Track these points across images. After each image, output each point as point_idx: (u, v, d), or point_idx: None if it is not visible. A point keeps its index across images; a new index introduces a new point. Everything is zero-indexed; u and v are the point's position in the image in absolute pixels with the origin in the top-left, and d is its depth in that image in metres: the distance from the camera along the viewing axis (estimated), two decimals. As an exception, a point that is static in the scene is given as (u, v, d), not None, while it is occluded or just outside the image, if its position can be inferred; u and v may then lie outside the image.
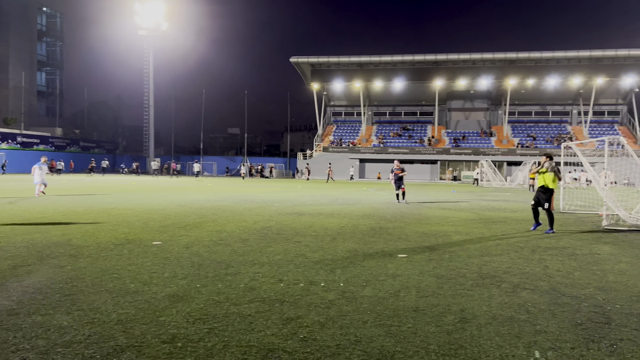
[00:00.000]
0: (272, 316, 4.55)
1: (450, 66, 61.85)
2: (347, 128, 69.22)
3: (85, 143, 67.23)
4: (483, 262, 7.41)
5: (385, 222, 12.41)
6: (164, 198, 19.35)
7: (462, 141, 62.03)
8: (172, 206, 15.71)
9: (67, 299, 4.97)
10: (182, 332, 4.09)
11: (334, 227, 11.16)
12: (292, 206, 16.68)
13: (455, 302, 5.15)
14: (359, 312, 4.72)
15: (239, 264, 6.87)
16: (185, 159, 73.23)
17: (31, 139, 57.65)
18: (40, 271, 6.17)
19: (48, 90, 76.31)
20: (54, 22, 76.81)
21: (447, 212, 15.91)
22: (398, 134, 65.37)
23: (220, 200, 18.93)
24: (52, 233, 9.34)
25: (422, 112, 69.57)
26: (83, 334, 3.98)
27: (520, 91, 63.06)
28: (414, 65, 62.55)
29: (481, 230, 11.22)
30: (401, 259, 7.46)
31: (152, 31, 63.94)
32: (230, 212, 14.09)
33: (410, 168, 60.01)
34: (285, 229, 10.63)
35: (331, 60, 62.90)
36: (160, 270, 6.37)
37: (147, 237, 9.09)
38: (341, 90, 67.50)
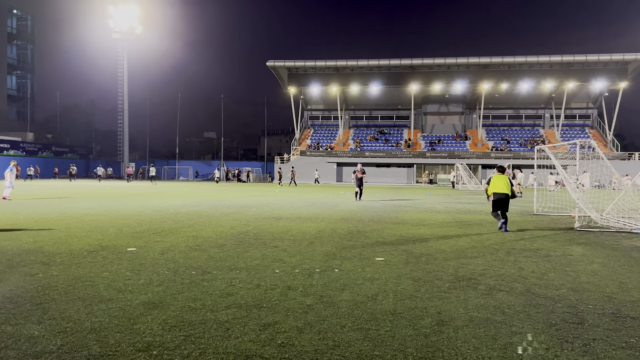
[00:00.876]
0: (250, 322, 4.52)
1: (426, 70, 62.51)
2: (324, 132, 69.35)
3: (58, 148, 65.88)
4: (459, 264, 7.48)
5: (362, 226, 12.45)
6: (139, 203, 19.06)
7: (438, 145, 62.72)
8: (147, 211, 15.49)
9: (38, 307, 4.84)
10: (158, 340, 4.02)
11: (311, 231, 11.14)
12: (270, 210, 16.61)
13: (432, 305, 5.18)
14: (337, 317, 4.71)
15: (215, 269, 6.80)
16: (161, 164, 72.31)
17: (1, 144, 56.25)
18: (11, 280, 6.00)
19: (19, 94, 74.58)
20: (25, 25, 75.21)
21: (423, 214, 16.05)
22: (375, 137, 65.76)
23: (197, 205, 18.74)
24: (23, 240, 9.11)
25: (398, 116, 70.13)
26: (55, 344, 3.89)
27: (494, 95, 64.13)
28: (390, 70, 63.04)
29: (457, 233, 11.34)
30: (379, 263, 7.48)
31: (126, 34, 63.10)
32: (207, 217, 13.95)
33: (387, 172, 60.44)
34: (262, 234, 10.58)
35: (308, 65, 62.96)
36: (135, 277, 6.27)
37: (121, 244, 8.93)
38: (318, 94, 67.61)
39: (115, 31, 62.95)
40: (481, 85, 60.94)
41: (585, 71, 59.20)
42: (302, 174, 57.12)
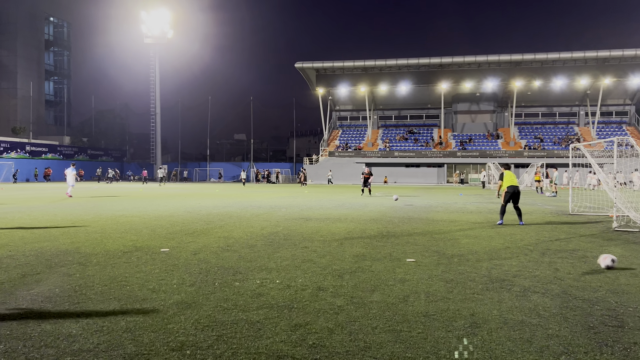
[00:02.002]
0: (281, 322, 4.53)
1: (456, 69, 61.75)
2: (353, 132, 69.21)
3: (93, 151, 67.64)
4: (492, 265, 7.35)
5: (392, 227, 12.37)
6: (172, 205, 19.40)
7: (469, 144, 61.82)
8: (179, 213, 15.74)
9: (75, 307, 4.97)
10: (191, 340, 4.07)
11: (341, 232, 11.13)
12: (299, 211, 16.66)
13: (465, 307, 5.10)
14: (368, 318, 4.69)
15: (246, 270, 6.85)
16: (192, 166, 73.47)
17: (40, 147, 58.08)
18: (50, 279, 6.18)
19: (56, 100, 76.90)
20: (61, 32, 77.48)
21: (455, 215, 15.84)
22: (404, 137, 65.28)
23: (227, 206, 18.94)
24: (61, 241, 9.38)
25: (428, 116, 69.44)
26: (92, 342, 3.98)
27: (527, 93, 62.83)
28: (419, 69, 62.50)
29: (490, 234, 11.15)
30: (409, 264, 7.42)
31: (158, 39, 64.35)
32: (237, 218, 14.09)
33: (417, 172, 59.89)
34: (292, 235, 10.61)
35: (336, 65, 62.99)
36: (168, 277, 6.37)
37: (155, 244, 9.10)
38: (346, 94, 67.54)
39: (147, 36, 64.27)
40: (513, 82, 59.80)
41: (622, 66, 57.45)
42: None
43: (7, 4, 66.50)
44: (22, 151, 54.66)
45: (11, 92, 67.17)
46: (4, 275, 6.38)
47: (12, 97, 67.15)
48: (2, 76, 67.24)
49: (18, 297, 5.35)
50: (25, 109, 64.68)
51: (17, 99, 66.93)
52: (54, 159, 59.07)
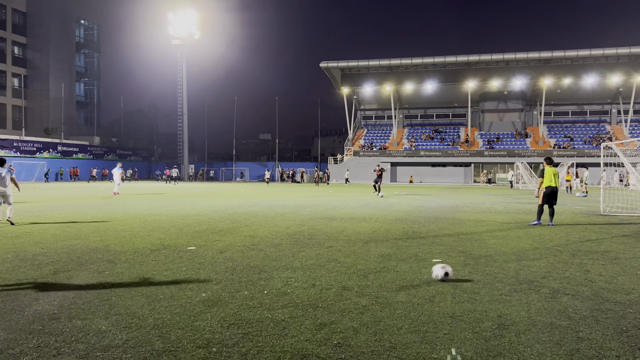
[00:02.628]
0: (306, 321, 4.54)
1: (483, 67, 60.91)
2: (378, 132, 68.90)
3: (122, 151, 68.93)
4: (520, 266, 7.22)
5: (418, 227, 12.27)
6: (198, 204, 19.64)
7: (497, 143, 60.91)
8: (206, 212, 15.92)
9: (105, 303, 5.07)
10: (217, 337, 4.11)
11: (366, 232, 11.09)
12: (324, 211, 16.67)
13: (492, 308, 5.02)
14: (394, 318, 4.66)
15: (271, 268, 6.89)
16: (219, 165, 74.23)
17: (71, 147, 59.47)
18: (80, 276, 6.33)
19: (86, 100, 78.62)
20: (92, 34, 79.19)
21: (482, 215, 15.62)
22: (430, 136, 64.68)
23: (253, 205, 19.08)
24: (91, 239, 9.59)
25: (454, 114, 68.67)
26: (121, 339, 4.05)
27: (556, 91, 61.54)
28: (445, 67, 61.88)
29: (518, 234, 10.96)
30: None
31: (185, 40, 65.18)
32: (263, 217, 14.18)
33: (443, 171, 59.28)
34: (317, 234, 10.63)
35: (361, 65, 62.83)
36: (195, 275, 6.45)
37: (182, 243, 9.22)
38: (371, 93, 67.28)
39: (175, 37, 65.17)
40: (542, 80, 58.67)
41: (657, 63, 55.76)
42: (356, 175, 57.00)
43: (40, 8, 68.29)
44: (54, 151, 56.07)
45: (44, 93, 68.96)
46: (36, 272, 6.55)
47: (45, 99, 68.94)
48: (35, 78, 69.11)
49: (50, 293, 5.48)
50: (57, 109, 66.34)
51: (49, 100, 68.69)
52: (84, 158, 60.43)
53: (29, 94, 68.04)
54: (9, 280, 6.08)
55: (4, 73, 65.32)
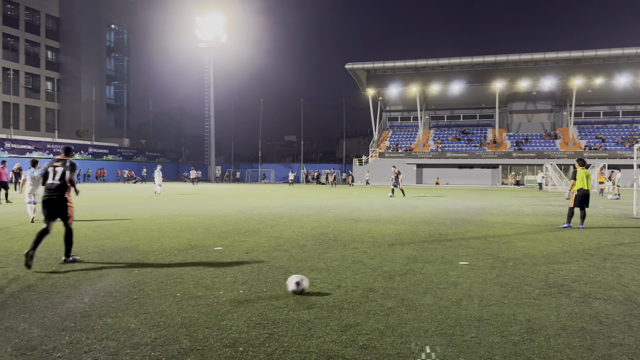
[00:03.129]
0: (331, 322, 4.54)
1: (511, 67, 59.95)
2: (404, 133, 68.47)
3: (151, 153, 70.11)
4: (550, 270, 7.08)
5: (445, 229, 12.15)
6: (225, 205, 19.84)
7: (525, 144, 59.84)
8: (232, 212, 16.07)
9: (134, 302, 5.17)
10: (244, 337, 4.15)
11: (391, 234, 11.03)
12: (349, 212, 16.65)
13: (521, 312, 4.94)
14: (420, 321, 4.63)
15: (297, 269, 6.91)
16: (245, 167, 74.86)
17: (101, 149, 60.80)
18: (110, 275, 6.46)
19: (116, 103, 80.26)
20: (122, 38, 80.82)
21: (510, 217, 15.37)
22: (457, 137, 63.96)
23: (278, 206, 19.18)
24: (121, 239, 9.78)
25: (481, 115, 67.75)
26: (150, 337, 4.13)
27: (587, 91, 60.12)
28: (472, 68, 61.12)
29: (547, 237, 10.75)
30: (462, 267, 7.26)
31: (211, 44, 65.92)
32: (288, 219, 14.24)
33: (470, 173, 58.52)
34: (342, 235, 10.62)
35: (387, 66, 62.54)
36: (221, 275, 6.52)
37: (209, 243, 9.33)
38: (397, 95, 66.91)
39: (202, 40, 65.98)
40: (572, 80, 57.42)
41: (693, 61, 53.99)
42: (381, 176, 56.77)
43: (73, 13, 70.04)
44: (85, 153, 57.39)
45: (75, 96, 70.66)
46: (69, 270, 6.72)
47: (77, 101, 70.62)
48: (68, 81, 70.88)
49: (82, 291, 5.62)
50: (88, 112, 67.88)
51: (80, 103, 70.34)
52: (114, 160, 61.68)
53: (61, 97, 69.84)
54: (43, 278, 6.26)
55: (37, 77, 67.20)
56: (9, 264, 7.11)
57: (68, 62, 70.78)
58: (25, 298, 5.30)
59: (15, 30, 63.06)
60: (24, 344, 3.95)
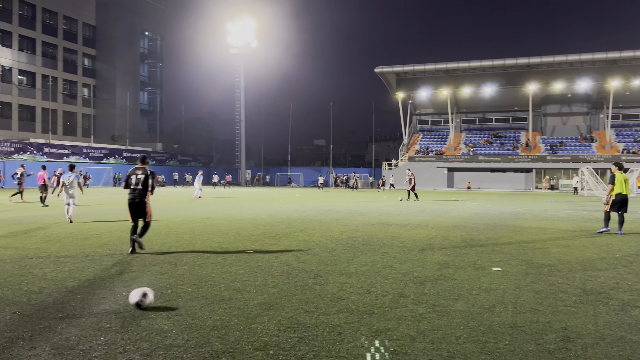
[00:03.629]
0: (361, 327, 4.52)
1: (545, 69, 58.70)
2: (434, 136, 67.78)
3: (183, 157, 71.29)
4: (587, 277, 6.89)
5: (477, 234, 11.95)
6: (255, 208, 20.00)
7: (560, 148, 58.44)
8: (262, 216, 16.19)
9: (167, 304, 5.26)
10: (274, 340, 4.17)
11: (422, 239, 10.92)
12: (378, 217, 16.56)
13: (556, 319, 4.82)
14: (452, 327, 4.56)
15: (326, 273, 6.91)
16: (274, 171, 75.36)
17: (135, 154, 62.09)
18: (144, 277, 6.59)
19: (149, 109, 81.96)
20: (155, 45, 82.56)
21: (544, 223, 15.02)
22: (489, 141, 62.94)
23: (307, 210, 19.22)
24: (154, 241, 9.96)
25: (514, 118, 66.50)
26: (182, 339, 4.19)
27: (625, 93, 58.31)
28: (504, 70, 60.08)
29: (583, 243, 10.46)
30: (495, 273, 7.13)
31: (242, 49, 66.68)
32: (317, 222, 14.25)
33: (503, 177, 57.47)
34: (371, 240, 10.57)
35: (417, 69, 62.05)
36: (252, 278, 6.57)
37: (239, 246, 9.42)
38: (427, 98, 66.31)
39: (233, 46, 66.83)
40: (609, 82, 55.79)
41: None
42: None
43: (108, 22, 71.97)
44: (120, 157, 58.78)
45: (110, 102, 72.47)
46: (104, 272, 6.88)
47: (112, 107, 72.42)
48: (103, 88, 72.76)
49: (116, 292, 5.75)
50: (123, 118, 69.51)
51: (115, 108, 72.09)
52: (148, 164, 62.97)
53: (97, 103, 71.72)
54: (79, 279, 6.42)
55: (75, 83, 69.20)
56: (47, 265, 7.33)
57: (104, 68, 72.70)
58: (63, 299, 5.45)
59: (53, 38, 65.14)
60: (62, 343, 4.06)
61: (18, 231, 11.55)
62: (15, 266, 7.24)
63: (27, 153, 46.76)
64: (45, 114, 61.82)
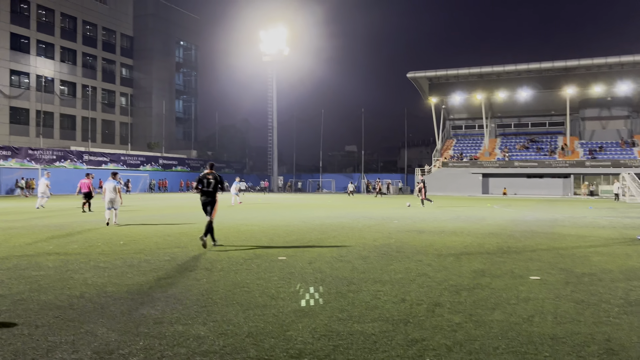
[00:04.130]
0: (396, 337, 4.48)
1: (583, 72, 57.13)
2: (468, 142, 66.75)
3: (217, 163, 72.15)
4: (630, 287, 6.65)
5: (513, 241, 11.70)
6: (287, 215, 20.10)
7: (599, 152, 56.69)
8: (295, 223, 16.25)
9: (203, 310, 5.33)
10: (309, 348, 4.17)
11: (457, 246, 10.75)
12: (412, 223, 16.40)
13: (599, 331, 4.67)
14: (489, 337, 4.47)
15: (360, 281, 6.88)
16: (306, 177, 75.63)
17: (170, 161, 63.39)
18: (180, 283, 6.70)
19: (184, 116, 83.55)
20: (190, 54, 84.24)
21: (584, 230, 14.59)
22: (525, 146, 61.60)
23: (339, 217, 19.19)
24: (189, 248, 10.13)
25: (551, 123, 64.88)
26: (218, 345, 4.24)
27: (669, 95, 56.19)
28: (540, 74, 58.76)
29: (626, 251, 10.10)
30: (534, 282, 6.96)
31: (275, 57, 67.38)
32: (350, 229, 14.21)
33: (540, 183, 56.11)
34: (405, 247, 10.47)
35: (450, 73, 61.36)
36: (286, 285, 6.60)
37: (273, 253, 9.48)
38: (461, 103, 65.39)
39: (265, 54, 67.61)
40: (652, 84, 53.83)
41: None
42: (445, 186, 55.64)
43: (145, 32, 73.91)
44: (156, 164, 60.07)
45: (147, 111, 74.24)
46: (142, 278, 7.03)
47: (148, 115, 74.18)
48: (140, 96, 74.64)
49: (154, 298, 5.86)
50: (159, 126, 71.09)
51: (152, 117, 73.81)
52: (182, 171, 64.11)
53: (134, 112, 73.57)
54: (118, 285, 6.58)
55: (113, 93, 71.20)
56: (88, 271, 7.54)
57: (140, 78, 74.59)
58: (103, 303, 5.59)
59: (93, 49, 67.26)
60: (102, 347, 4.16)
61: (60, 237, 11.93)
62: (58, 271, 7.48)
63: (67, 160, 48.27)
64: (85, 122, 63.78)
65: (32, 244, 10.50)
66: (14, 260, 8.47)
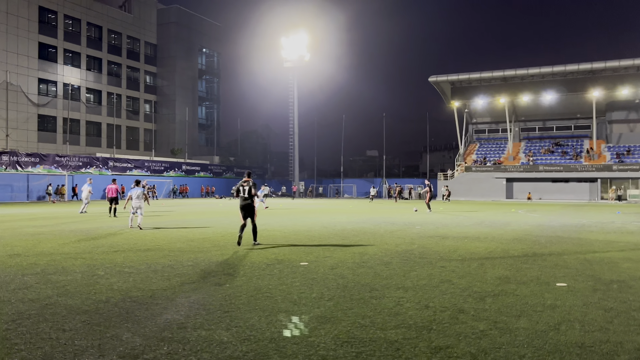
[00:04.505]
0: (420, 344, 4.44)
1: (610, 74, 55.98)
2: (492, 146, 65.96)
3: (239, 169, 72.84)
4: (662, 294, 6.46)
5: (539, 247, 11.50)
6: (309, 220, 20.11)
7: (627, 156, 55.41)
8: (316, 228, 16.25)
9: (226, 315, 5.36)
10: (331, 354, 4.16)
11: (481, 252, 10.62)
12: (435, 229, 16.25)
13: (629, 340, 4.55)
14: (515, 345, 4.39)
15: (382, 287, 6.84)
16: (327, 182, 75.64)
17: (193, 167, 64.10)
18: (203, 288, 6.76)
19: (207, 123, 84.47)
20: (212, 61, 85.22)
21: (612, 236, 14.26)
22: (550, 150, 60.58)
23: (361, 222, 19.13)
24: (212, 253, 10.21)
25: (577, 126, 63.72)
26: (241, 350, 4.25)
27: (699, 97, 54.67)
28: (565, 76, 57.81)
29: (657, 258, 9.83)
30: (560, 288, 6.82)
31: (296, 63, 67.75)
32: (372, 234, 14.15)
33: (565, 187, 55.12)
34: (428, 253, 10.38)
35: (472, 77, 60.78)
36: (307, 290, 6.60)
37: (294, 258, 9.49)
38: (484, 106, 64.72)
39: (287, 60, 68.03)
40: (681, 86, 52.48)
41: None
42: (468, 191, 55.06)
43: (168, 40, 75.10)
44: (179, 170, 60.82)
45: (170, 117, 75.28)
46: (165, 283, 7.11)
47: (171, 122, 75.21)
48: (163, 104, 75.76)
49: (178, 303, 5.92)
50: (182, 132, 72.02)
51: (175, 123, 74.81)
52: (205, 177, 64.75)
53: (157, 118, 74.66)
54: (143, 289, 6.67)
55: (137, 100, 72.43)
56: (113, 276, 7.66)
57: (164, 85, 75.72)
58: (128, 308, 5.67)
59: (118, 57, 68.56)
60: (127, 352, 4.22)
61: (86, 241, 12.15)
62: (84, 276, 7.61)
63: (93, 167, 49.21)
64: (110, 129, 64.95)
65: (60, 249, 10.72)
66: (42, 265, 8.66)
